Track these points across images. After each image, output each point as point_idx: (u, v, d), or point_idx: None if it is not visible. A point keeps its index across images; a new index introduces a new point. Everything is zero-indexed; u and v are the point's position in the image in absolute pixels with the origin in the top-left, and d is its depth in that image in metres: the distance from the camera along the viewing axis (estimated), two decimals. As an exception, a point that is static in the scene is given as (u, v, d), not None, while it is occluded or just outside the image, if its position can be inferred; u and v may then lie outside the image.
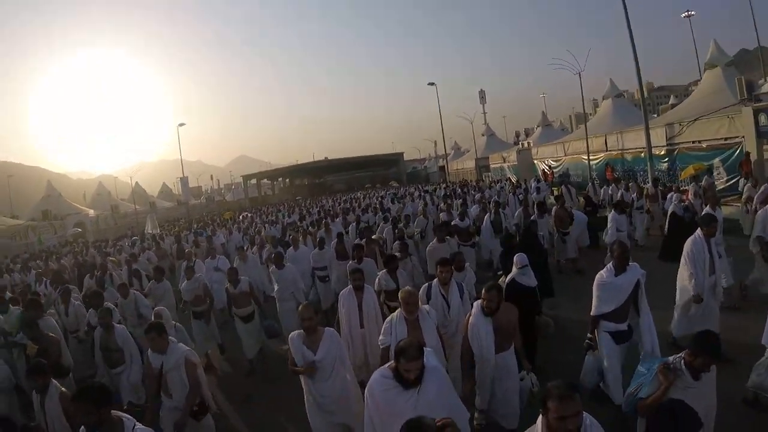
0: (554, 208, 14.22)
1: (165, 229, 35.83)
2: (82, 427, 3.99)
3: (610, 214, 13.25)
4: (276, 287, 10.72)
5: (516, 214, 15.25)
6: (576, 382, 3.52)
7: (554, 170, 35.79)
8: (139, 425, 3.92)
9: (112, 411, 3.92)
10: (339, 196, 60.49)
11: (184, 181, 64.18)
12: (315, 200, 55.34)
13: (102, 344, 7.65)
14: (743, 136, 19.45)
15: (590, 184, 22.87)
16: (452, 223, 13.63)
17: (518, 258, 7.55)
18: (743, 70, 27.87)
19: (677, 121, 24.07)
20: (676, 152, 23.61)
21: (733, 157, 19.88)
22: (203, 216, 46.67)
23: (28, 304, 9.09)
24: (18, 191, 40.23)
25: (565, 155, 35.42)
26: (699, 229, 7.73)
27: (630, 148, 27.60)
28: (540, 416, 3.23)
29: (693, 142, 22.54)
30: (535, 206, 14.60)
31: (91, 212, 54.36)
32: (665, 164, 24.24)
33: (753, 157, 18.67)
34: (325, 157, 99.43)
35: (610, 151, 29.67)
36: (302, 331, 5.66)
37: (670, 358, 4.46)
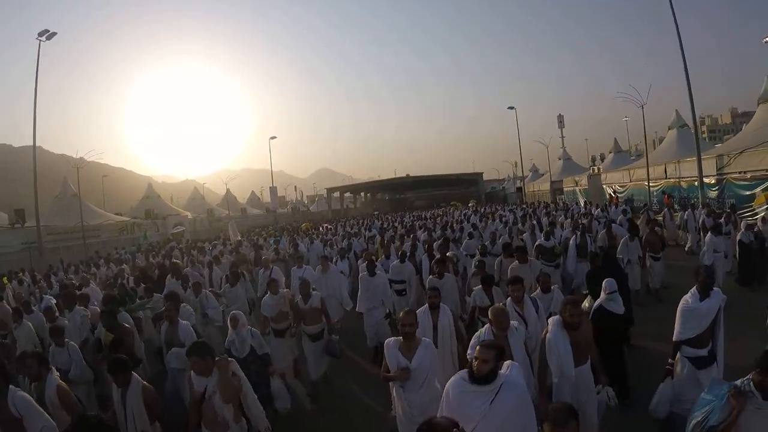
0: (645, 233, 13.52)
1: (255, 233, 36.00)
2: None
3: (707, 236, 12.85)
4: (360, 296, 10.14)
5: (600, 236, 14.42)
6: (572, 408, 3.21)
7: (619, 195, 36.51)
8: None
9: None
10: (418, 212, 59.49)
11: (273, 190, 65.00)
12: (395, 215, 54.81)
13: (167, 338, 7.67)
14: None
15: (666, 209, 22.13)
16: (537, 243, 13.20)
17: (607, 284, 7.05)
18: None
19: (727, 153, 25.07)
20: (724, 181, 24.35)
21: None
22: (285, 225, 46.92)
23: (105, 298, 9.47)
24: (107, 191, 41.85)
25: (630, 181, 36.38)
26: None
27: (686, 177, 28.48)
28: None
29: (739, 172, 23.32)
30: (629, 228, 13.89)
31: (189, 214, 55.70)
32: (715, 192, 24.92)
33: None
34: (407, 174, 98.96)
35: (668, 178, 30.60)
36: (399, 337, 5.47)
37: (738, 382, 4.15)
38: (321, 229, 33.72)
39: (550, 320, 5.68)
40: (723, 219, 15.16)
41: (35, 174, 31.24)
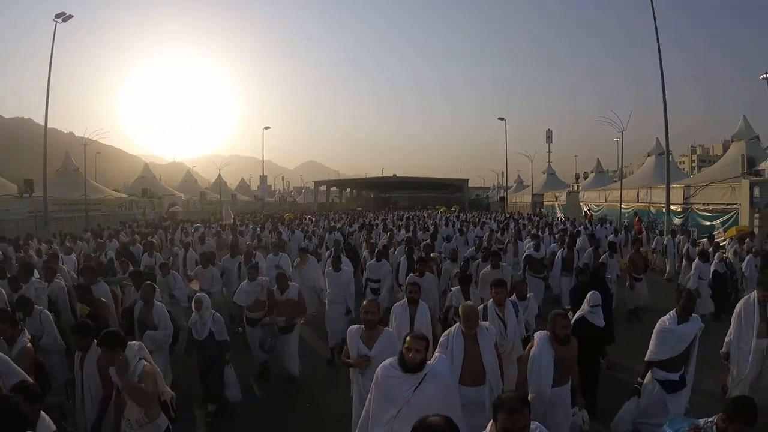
0: (629, 254, 13.42)
1: (248, 219, 35.99)
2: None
3: (695, 262, 12.47)
4: (328, 290, 9.90)
5: (586, 253, 13.93)
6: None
7: (593, 213, 37.23)
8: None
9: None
10: (402, 212, 59.41)
11: (263, 179, 65.28)
12: (378, 213, 54.49)
13: (141, 318, 7.41)
14: (740, 204, 21.54)
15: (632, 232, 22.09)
16: (526, 254, 13.06)
17: (592, 296, 6.95)
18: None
19: (693, 185, 26.39)
20: (689, 210, 25.48)
21: (730, 222, 21.89)
22: (268, 214, 46.87)
23: (83, 270, 9.34)
24: (98, 168, 41.95)
25: (605, 201, 37.11)
26: (756, 290, 7.02)
27: (655, 202, 29.30)
28: (490, 423, 3.14)
29: (703, 203, 24.64)
30: (608, 246, 13.87)
31: (183, 195, 55.94)
32: (680, 219, 25.84)
33: (744, 222, 20.49)
34: (394, 174, 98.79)
35: (639, 202, 31.50)
36: (362, 326, 5.44)
37: (701, 421, 4.02)
38: (304, 220, 32.96)
39: (538, 334, 5.46)
40: (711, 248, 14.58)
41: (45, 148, 31.62)
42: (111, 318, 7.95)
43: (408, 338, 4.18)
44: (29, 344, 5.75)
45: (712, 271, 12.41)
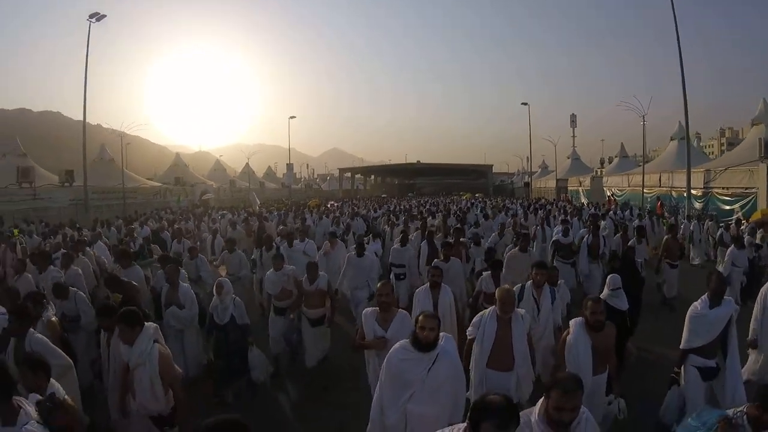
0: (665, 238, 12.50)
1: (273, 205, 36.44)
2: None
3: (730, 249, 11.72)
4: (342, 276, 9.75)
5: (614, 239, 13.36)
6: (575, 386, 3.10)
7: (617, 198, 36.23)
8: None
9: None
10: (426, 198, 58.85)
11: (290, 167, 65.78)
12: (402, 199, 54.78)
13: (167, 300, 7.61)
14: (758, 188, 21.24)
15: (655, 217, 21.22)
16: (554, 239, 12.61)
17: (611, 279, 6.76)
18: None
19: (714, 169, 26.22)
20: (709, 195, 25.12)
21: (749, 206, 21.48)
22: (294, 200, 47.30)
23: (119, 255, 9.69)
24: (128, 157, 43.02)
25: (629, 186, 36.61)
26: None
27: (676, 187, 28.83)
28: (541, 399, 3.17)
29: (722, 188, 24.35)
30: (636, 231, 13.21)
31: (213, 184, 56.88)
32: (700, 204, 25.40)
33: (762, 206, 20.02)
34: (418, 161, 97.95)
35: (662, 187, 31.11)
36: (376, 308, 5.40)
37: (730, 412, 3.66)
38: (329, 206, 33.10)
39: (573, 321, 5.19)
40: (747, 233, 13.84)
41: (84, 141, 32.74)
42: (143, 300, 8.08)
43: (420, 317, 4.16)
44: (54, 318, 6.07)
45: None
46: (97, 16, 31.82)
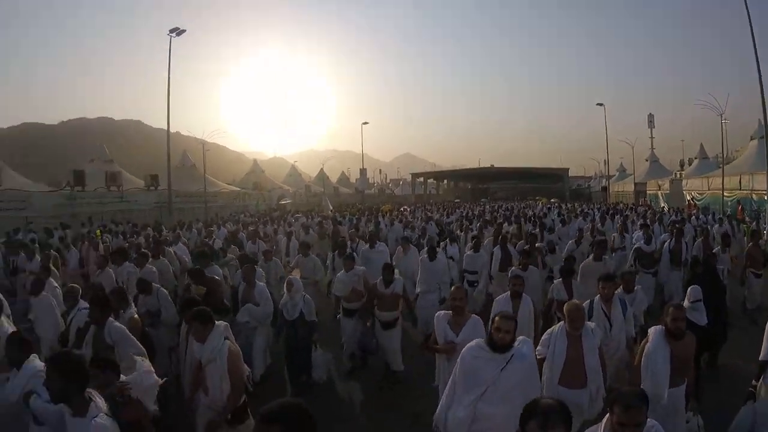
0: (748, 246, 11.83)
1: (345, 210, 36.61)
2: None
3: None
4: (419, 278, 9.43)
5: (695, 245, 12.46)
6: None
7: (697, 202, 33.95)
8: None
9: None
10: (501, 203, 56.89)
11: (363, 172, 66.53)
12: (475, 204, 53.26)
13: (243, 298, 7.78)
14: None
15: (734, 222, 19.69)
16: (636, 246, 11.82)
17: (692, 291, 6.37)
18: None
19: None
20: None
21: None
22: (367, 205, 47.45)
23: (198, 255, 9.97)
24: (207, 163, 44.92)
25: (708, 189, 34.13)
26: None
27: (757, 189, 26.52)
28: (606, 416, 3.09)
29: None
30: (722, 238, 12.19)
31: (290, 189, 58.02)
32: None
33: None
34: (491, 165, 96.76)
35: (742, 190, 28.64)
36: (449, 311, 5.39)
37: None
38: (402, 211, 32.98)
39: (653, 329, 4.94)
40: None
41: (168, 147, 34.11)
42: (225, 295, 8.35)
43: (497, 318, 4.14)
44: (136, 315, 6.37)
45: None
46: (177, 31, 33.08)
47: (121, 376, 4.18)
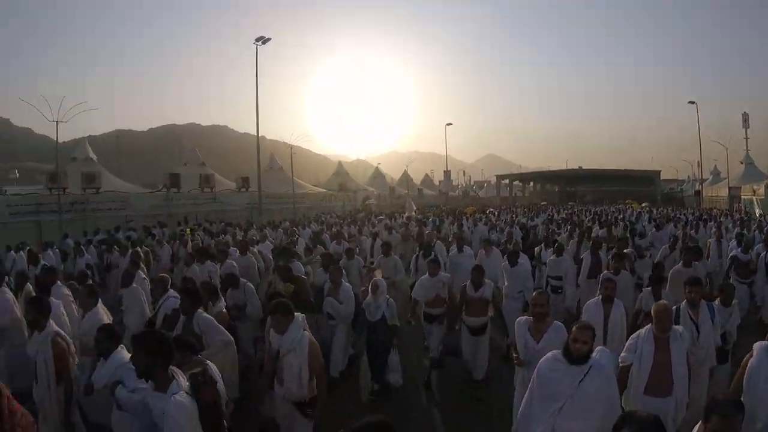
0: None
1: (428, 211, 36.48)
2: None
3: None
4: (505, 284, 9.08)
5: None
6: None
7: None
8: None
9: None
10: (589, 206, 54.06)
11: (447, 174, 66.12)
12: (562, 207, 50.96)
13: (328, 295, 7.85)
14: None
15: None
16: (732, 254, 11.28)
17: None
18: None
19: None
20: None
21: None
22: (450, 207, 46.75)
23: (282, 252, 10.20)
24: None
25: None
26: None
27: None
28: (699, 423, 3.01)
29: None
30: None
31: (374, 190, 58.43)
32: None
33: None
34: (579, 166, 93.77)
35: None
36: (530, 317, 5.27)
37: None
38: (486, 214, 31.50)
39: (758, 345, 4.42)
40: None
41: (258, 151, 35.33)
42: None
43: (575, 328, 3.99)
44: (224, 310, 6.60)
45: None
46: (263, 40, 34.23)
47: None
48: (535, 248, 12.79)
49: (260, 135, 34.59)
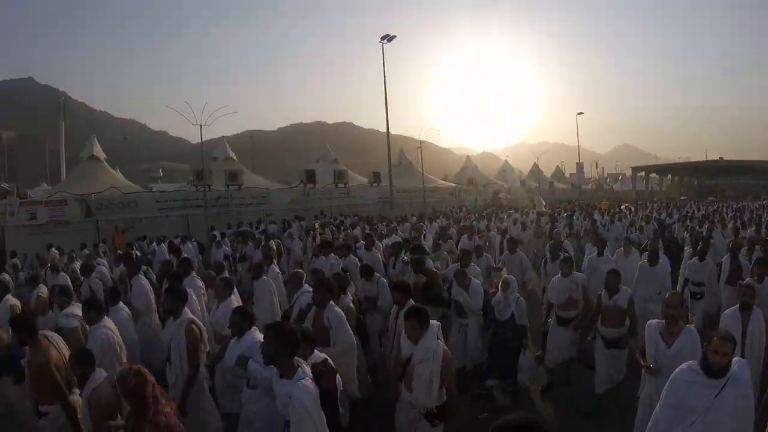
0: None
1: (559, 206, 34.96)
2: None
3: None
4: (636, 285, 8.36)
5: None
6: None
7: None
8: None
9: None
10: (730, 202, 47.26)
11: (579, 166, 63.58)
12: (701, 203, 46.21)
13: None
14: None
15: None
16: None
17: None
18: None
19: None
20: None
21: None
22: (581, 201, 44.31)
23: (414, 248, 10.13)
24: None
25: None
26: None
27: None
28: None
29: None
30: None
31: (504, 184, 57.24)
32: None
33: None
34: (720, 157, 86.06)
35: None
36: (662, 320, 4.95)
37: None
38: (623, 209, 28.97)
39: None
40: None
41: (389, 148, 36.29)
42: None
43: (715, 338, 3.65)
44: (352, 305, 6.68)
45: None
46: (388, 38, 34.30)
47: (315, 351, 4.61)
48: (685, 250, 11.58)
49: (382, 131, 35.02)
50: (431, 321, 4.71)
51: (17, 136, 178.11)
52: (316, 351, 4.60)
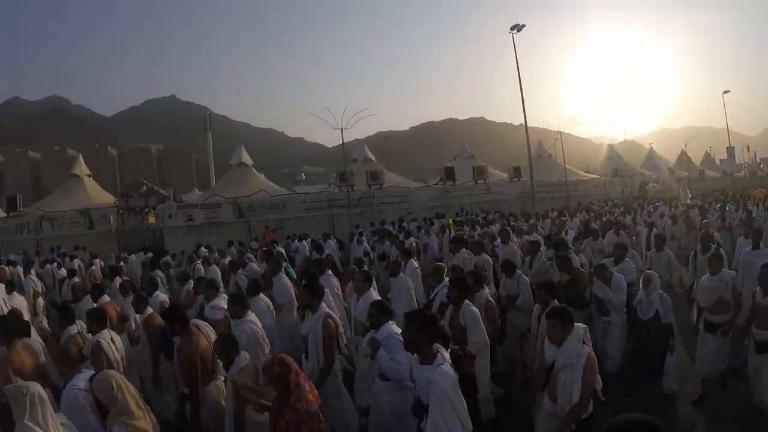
0: None
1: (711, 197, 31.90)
2: None
3: None
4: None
5: None
6: None
7: None
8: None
9: None
10: None
11: (730, 151, 57.57)
12: None
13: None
14: None
15: None
16: None
17: None
18: None
19: None
20: None
21: None
22: (733, 191, 39.78)
23: (556, 243, 9.80)
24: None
25: None
26: None
27: None
28: None
29: None
30: None
31: (651, 174, 53.62)
32: None
33: None
34: None
35: None
36: None
37: None
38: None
39: None
40: None
41: (528, 143, 35.52)
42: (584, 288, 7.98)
43: None
44: (491, 298, 6.66)
45: None
46: (518, 27, 33.47)
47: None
48: None
49: (517, 123, 34.18)
50: (577, 324, 4.39)
51: (165, 149, 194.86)
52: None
